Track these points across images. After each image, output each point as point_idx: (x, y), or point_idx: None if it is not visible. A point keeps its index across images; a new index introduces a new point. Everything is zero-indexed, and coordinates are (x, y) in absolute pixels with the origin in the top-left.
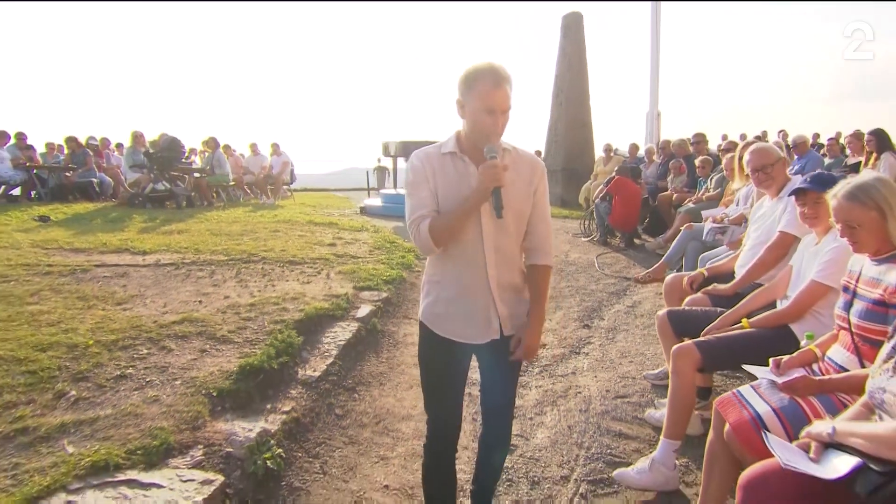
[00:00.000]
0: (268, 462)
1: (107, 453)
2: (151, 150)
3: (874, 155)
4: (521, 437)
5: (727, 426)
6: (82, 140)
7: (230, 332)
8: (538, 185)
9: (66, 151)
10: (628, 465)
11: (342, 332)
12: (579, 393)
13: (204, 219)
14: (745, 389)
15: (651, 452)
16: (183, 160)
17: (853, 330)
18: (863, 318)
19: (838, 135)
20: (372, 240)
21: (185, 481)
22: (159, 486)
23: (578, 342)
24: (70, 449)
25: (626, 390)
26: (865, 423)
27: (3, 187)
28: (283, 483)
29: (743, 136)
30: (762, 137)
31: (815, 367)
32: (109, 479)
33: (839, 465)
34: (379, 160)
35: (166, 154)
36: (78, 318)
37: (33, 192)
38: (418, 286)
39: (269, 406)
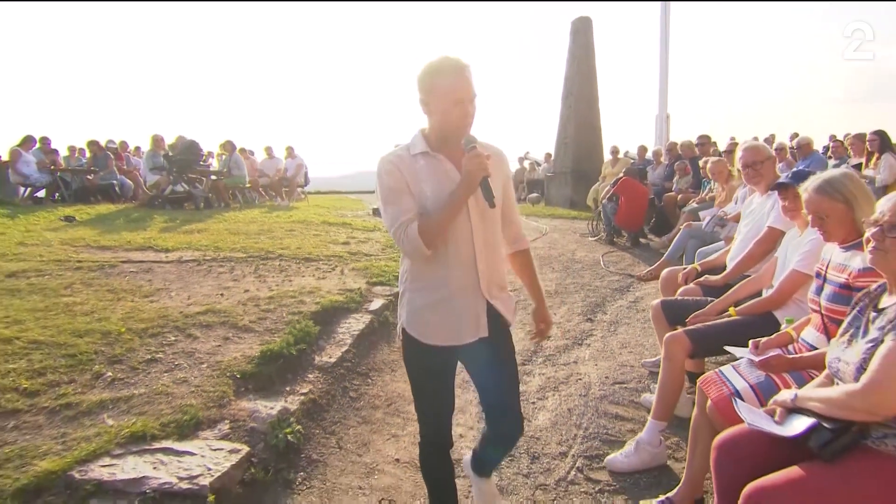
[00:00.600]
0: (288, 436)
1: (143, 425)
2: (170, 154)
3: (875, 155)
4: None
5: (709, 402)
6: (102, 143)
7: (251, 322)
8: (506, 176)
9: (87, 155)
10: (622, 442)
11: (356, 323)
12: (580, 380)
13: (222, 219)
14: (727, 369)
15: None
16: (201, 163)
17: (823, 312)
18: (831, 300)
19: (847, 137)
20: (384, 239)
21: (215, 450)
22: (192, 454)
23: (581, 334)
24: (110, 422)
25: (625, 377)
26: (822, 388)
27: (29, 189)
28: (303, 455)
29: (755, 140)
30: (770, 140)
31: (790, 347)
32: (147, 447)
33: (797, 425)
34: None
35: (185, 157)
36: (109, 309)
37: (57, 194)
38: None
39: (288, 388)
